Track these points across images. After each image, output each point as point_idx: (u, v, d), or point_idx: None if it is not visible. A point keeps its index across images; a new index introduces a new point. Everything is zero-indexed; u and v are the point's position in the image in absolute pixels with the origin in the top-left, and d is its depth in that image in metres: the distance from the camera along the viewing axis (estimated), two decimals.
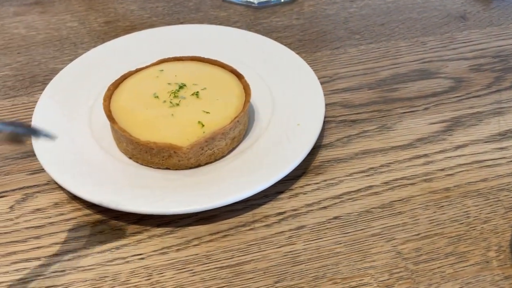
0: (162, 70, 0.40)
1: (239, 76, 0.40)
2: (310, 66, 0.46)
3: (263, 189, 0.34)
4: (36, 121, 0.39)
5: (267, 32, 0.52)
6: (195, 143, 0.34)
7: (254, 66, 0.44)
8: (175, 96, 0.37)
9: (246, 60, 0.45)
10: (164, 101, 0.37)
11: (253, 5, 0.56)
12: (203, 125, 0.35)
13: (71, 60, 0.48)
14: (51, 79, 0.46)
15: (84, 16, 0.55)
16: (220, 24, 0.54)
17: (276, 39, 0.50)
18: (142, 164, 0.36)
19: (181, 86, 0.38)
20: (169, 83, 0.39)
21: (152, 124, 0.36)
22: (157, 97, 0.38)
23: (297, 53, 0.48)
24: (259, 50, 0.46)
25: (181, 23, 0.54)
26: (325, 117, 0.40)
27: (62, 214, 0.35)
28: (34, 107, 0.43)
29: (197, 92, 0.38)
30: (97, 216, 0.35)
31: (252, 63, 0.45)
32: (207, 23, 0.54)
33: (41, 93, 0.44)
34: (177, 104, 0.37)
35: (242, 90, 0.39)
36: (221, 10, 0.56)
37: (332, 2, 0.57)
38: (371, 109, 0.43)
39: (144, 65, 0.42)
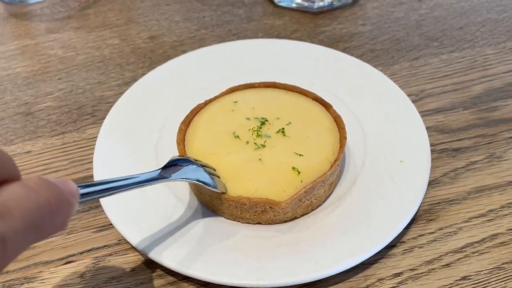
0: (236, 102, 0.34)
1: (325, 105, 0.34)
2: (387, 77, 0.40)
3: (380, 249, 0.28)
4: (98, 167, 0.33)
5: (333, 43, 0.46)
6: (294, 196, 0.28)
7: (330, 86, 0.38)
8: (258, 135, 0.32)
9: (318, 79, 0.39)
10: (247, 142, 0.32)
11: (310, 10, 0.50)
12: (299, 172, 0.30)
13: (118, 85, 0.43)
14: (99, 109, 0.40)
15: (125, 31, 0.49)
16: (278, 34, 0.47)
17: (344, 50, 0.44)
18: (228, 218, 0.31)
19: (263, 122, 0.33)
20: (247, 118, 0.33)
21: (239, 173, 0.30)
22: (238, 137, 0.32)
23: (372, 67, 0.43)
24: (331, 67, 0.40)
25: (234, 34, 0.48)
26: None
27: (141, 284, 0.30)
28: (87, 145, 0.37)
29: (283, 128, 0.32)
30: (184, 285, 0.29)
31: (327, 83, 0.38)
32: (262, 33, 0.48)
33: (92, 127, 0.38)
34: (263, 146, 0.31)
35: (332, 121, 0.33)
36: (275, 18, 0.50)
37: (398, 3, 0.50)
38: (472, 133, 0.37)
39: (208, 91, 0.36)
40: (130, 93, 0.38)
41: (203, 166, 0.29)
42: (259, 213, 0.29)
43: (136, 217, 0.30)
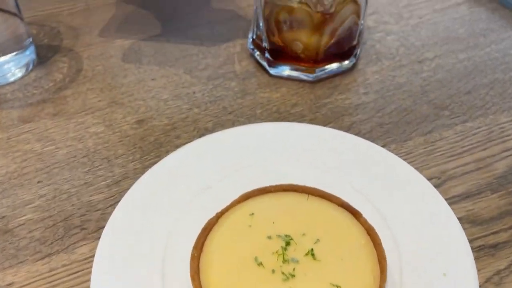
0: (253, 214, 0.30)
1: (354, 213, 0.30)
2: (408, 164, 0.37)
3: None
4: None
5: (338, 117, 0.42)
6: None
7: (345, 176, 0.35)
8: (284, 260, 0.27)
9: (332, 169, 0.35)
10: (273, 271, 0.27)
11: (308, 79, 0.46)
12: None
13: (108, 186, 0.38)
14: (89, 219, 0.35)
15: (109, 115, 0.44)
16: (277, 109, 0.44)
17: (351, 125, 0.41)
18: None
19: (287, 242, 0.28)
20: (269, 237, 0.29)
21: None
22: (261, 264, 0.27)
23: (384, 145, 0.39)
24: (344, 153, 0.36)
25: (229, 112, 0.43)
26: None
27: None
28: (79, 270, 0.32)
29: (312, 249, 0.28)
30: None
31: (341, 173, 0.35)
32: (260, 109, 0.44)
33: (83, 244, 0.33)
34: (292, 276, 0.27)
35: (365, 234, 0.29)
36: (272, 90, 0.46)
37: (398, 65, 0.48)
38: (507, 223, 0.34)
39: (215, 191, 0.32)
40: (124, 204, 0.33)
41: None
42: None
43: None
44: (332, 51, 0.44)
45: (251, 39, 0.49)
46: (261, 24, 0.45)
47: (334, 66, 0.45)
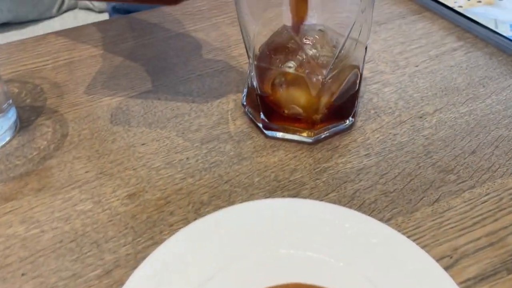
0: None
1: None
2: (417, 241, 0.35)
3: None
4: None
5: (340, 184, 0.40)
6: None
7: (353, 262, 0.33)
8: None
9: (338, 254, 0.33)
10: None
11: (306, 141, 0.44)
12: None
13: (98, 277, 0.34)
14: None
15: (97, 189, 0.41)
16: (275, 177, 0.41)
17: (354, 194, 0.38)
18: None
19: None
20: None
21: None
22: None
23: (391, 218, 0.37)
24: (351, 236, 0.33)
25: (226, 182, 0.41)
26: None
27: None
28: None
29: None
30: None
31: (349, 258, 0.32)
32: (258, 177, 0.41)
33: None
34: None
35: None
36: (269, 154, 0.44)
37: (399, 121, 0.46)
38: None
39: (217, 284, 0.30)
40: None
41: None
42: None
43: None
44: (332, 111, 0.42)
45: (244, 98, 0.47)
46: (255, 85, 0.43)
47: (333, 126, 0.43)
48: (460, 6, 0.57)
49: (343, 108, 0.43)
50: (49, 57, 0.56)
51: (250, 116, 0.46)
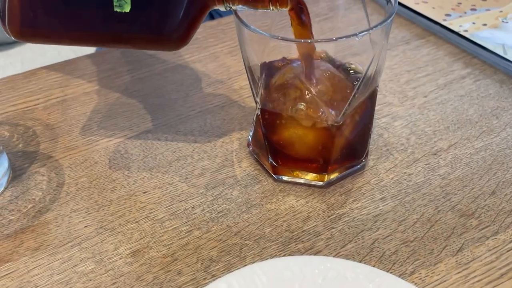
0: None
1: None
2: None
3: None
4: None
5: (357, 233, 0.38)
6: None
7: None
8: None
9: None
10: None
11: (317, 184, 0.42)
12: None
13: None
14: None
15: (99, 246, 0.38)
16: (288, 227, 0.38)
17: (373, 244, 0.36)
18: None
19: None
20: None
21: None
22: None
23: (414, 271, 0.35)
24: None
25: (235, 234, 0.38)
26: None
27: None
28: None
29: None
30: None
31: None
32: (268, 227, 0.38)
33: None
34: None
35: None
36: (278, 200, 0.41)
37: (412, 160, 0.44)
38: None
39: None
40: None
41: None
42: None
43: None
44: (344, 153, 0.40)
45: (250, 138, 0.44)
46: (262, 129, 0.40)
47: (345, 168, 0.41)
48: (466, 30, 0.56)
49: (355, 148, 0.41)
50: (41, 95, 0.53)
51: (257, 157, 0.44)
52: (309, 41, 0.35)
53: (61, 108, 0.51)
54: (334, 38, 0.32)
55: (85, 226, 0.39)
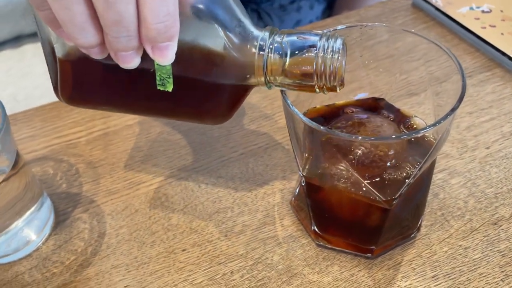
0: None
1: None
2: None
3: None
4: None
5: None
6: None
7: None
8: None
9: None
10: None
11: (367, 256, 0.39)
12: None
13: None
14: None
15: None
16: None
17: None
18: None
19: None
20: None
21: None
22: None
23: None
24: None
25: None
26: None
27: None
28: None
29: None
30: None
31: None
32: None
33: None
34: None
35: None
36: (321, 270, 0.38)
37: (469, 229, 0.39)
38: None
39: None
40: None
41: None
42: None
43: None
44: (396, 228, 0.37)
45: (293, 198, 0.41)
46: (307, 200, 0.37)
47: (395, 240, 0.38)
48: None
49: (407, 223, 0.37)
50: (83, 127, 0.52)
51: (299, 219, 0.41)
52: (368, 139, 0.31)
53: (103, 143, 0.50)
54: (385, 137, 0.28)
55: (125, 286, 0.39)
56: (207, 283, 0.38)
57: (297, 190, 0.41)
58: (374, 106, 0.38)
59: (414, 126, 0.37)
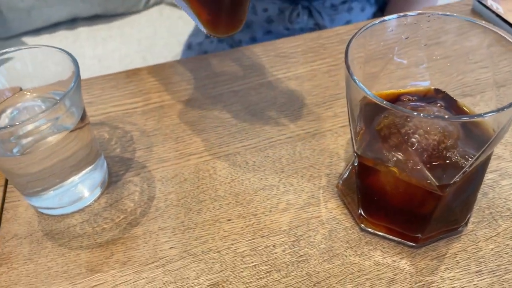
0: None
1: None
2: None
3: None
4: None
5: None
6: None
7: None
8: None
9: None
10: None
11: (411, 245, 0.38)
12: None
13: None
14: None
15: (181, 272, 0.37)
16: (370, 287, 0.37)
17: None
18: None
19: None
20: None
21: None
22: None
23: None
24: None
25: (314, 285, 0.37)
26: None
27: None
28: None
29: None
30: None
31: None
32: (350, 283, 0.35)
33: None
34: None
35: None
36: (363, 254, 0.37)
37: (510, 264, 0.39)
38: None
39: None
40: None
41: None
42: None
43: None
44: (445, 218, 0.36)
45: (341, 181, 0.42)
46: (357, 180, 0.38)
47: (442, 232, 0.37)
48: None
49: (457, 214, 0.37)
50: (140, 98, 0.54)
51: (345, 202, 0.41)
52: (437, 117, 0.31)
53: (157, 114, 0.52)
54: (451, 118, 0.28)
55: (170, 247, 0.40)
56: (249, 253, 0.39)
57: (346, 174, 0.41)
58: (432, 97, 0.38)
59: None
